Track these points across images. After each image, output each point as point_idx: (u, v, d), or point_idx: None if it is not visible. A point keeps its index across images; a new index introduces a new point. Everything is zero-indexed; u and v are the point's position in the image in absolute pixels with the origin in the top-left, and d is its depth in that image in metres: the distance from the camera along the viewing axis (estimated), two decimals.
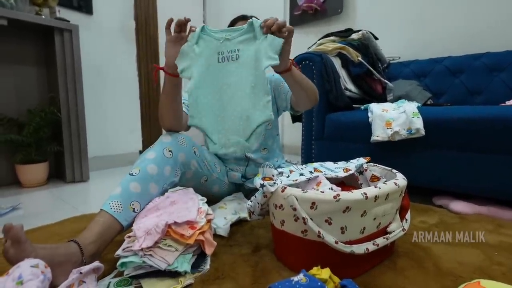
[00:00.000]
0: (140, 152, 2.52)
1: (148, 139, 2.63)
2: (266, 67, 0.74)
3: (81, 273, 0.56)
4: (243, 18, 1.10)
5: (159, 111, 0.92)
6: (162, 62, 2.66)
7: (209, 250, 0.71)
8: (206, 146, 0.90)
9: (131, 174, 0.80)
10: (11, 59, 1.67)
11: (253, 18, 0.78)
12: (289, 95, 1.06)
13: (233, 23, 1.13)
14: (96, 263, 0.60)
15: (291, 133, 2.64)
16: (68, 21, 1.70)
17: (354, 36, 1.68)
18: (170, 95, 0.88)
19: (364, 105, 1.47)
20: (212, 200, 1.09)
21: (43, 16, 1.63)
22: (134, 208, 0.76)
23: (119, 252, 0.66)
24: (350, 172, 0.83)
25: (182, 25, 0.80)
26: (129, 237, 0.68)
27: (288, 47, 0.78)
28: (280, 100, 1.14)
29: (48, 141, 1.72)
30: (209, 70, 0.78)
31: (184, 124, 0.99)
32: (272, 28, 0.74)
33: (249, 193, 1.20)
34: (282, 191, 0.67)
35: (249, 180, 1.17)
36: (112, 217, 0.72)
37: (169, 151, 0.86)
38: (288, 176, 0.81)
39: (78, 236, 0.68)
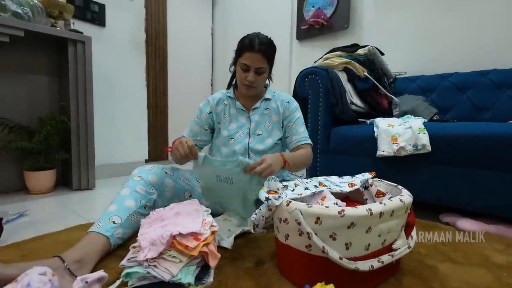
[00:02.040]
0: (146, 161, 2.54)
1: (154, 149, 2.66)
2: (254, 201, 0.95)
3: (86, 282, 0.56)
4: (250, 47, 1.05)
5: None
6: (170, 72, 2.72)
7: (213, 262, 0.71)
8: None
9: (109, 204, 0.91)
10: (24, 69, 1.73)
11: (239, 158, 0.91)
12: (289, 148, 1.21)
13: (242, 44, 1.08)
14: (101, 272, 0.60)
15: None
16: (82, 33, 1.75)
17: (360, 51, 1.70)
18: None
19: (370, 120, 1.48)
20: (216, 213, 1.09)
21: (58, 28, 1.69)
22: (114, 221, 0.84)
23: (123, 262, 0.66)
24: (355, 187, 0.83)
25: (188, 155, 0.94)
26: (134, 247, 0.69)
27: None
28: (284, 136, 1.22)
29: (57, 149, 1.75)
30: (211, 183, 0.99)
31: None
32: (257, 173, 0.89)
33: None
34: (287, 205, 0.68)
35: None
36: (94, 232, 0.80)
37: (138, 176, 0.98)
38: (293, 190, 0.82)
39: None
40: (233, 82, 1.24)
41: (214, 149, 1.22)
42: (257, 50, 1.04)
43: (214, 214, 1.06)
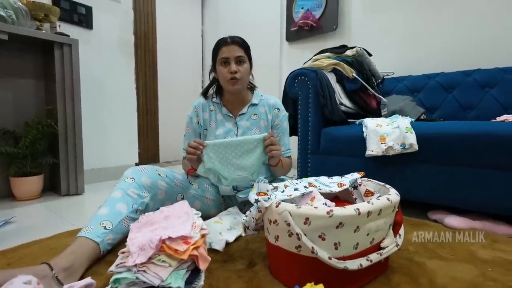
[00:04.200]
0: (136, 164, 2.52)
1: (145, 152, 2.64)
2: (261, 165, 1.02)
3: None
4: (224, 42, 1.14)
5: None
6: (160, 73, 2.70)
7: (203, 266, 0.71)
8: (217, 182, 1.04)
9: (100, 207, 0.88)
10: (10, 72, 1.69)
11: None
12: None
13: (216, 45, 1.17)
14: (88, 280, 0.59)
15: None
16: (68, 36, 1.73)
17: (349, 52, 1.72)
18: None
19: (359, 120, 1.50)
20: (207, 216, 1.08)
21: (44, 31, 1.66)
22: (105, 226, 0.82)
23: (112, 268, 0.66)
24: (345, 187, 0.84)
25: (197, 148, 0.97)
26: (122, 252, 0.68)
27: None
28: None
29: (44, 153, 1.71)
30: (221, 159, 1.00)
31: None
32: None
33: (242, 204, 1.21)
34: (276, 206, 0.68)
35: (241, 192, 1.18)
36: (84, 237, 0.78)
37: (131, 178, 0.96)
38: (283, 191, 0.82)
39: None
40: (215, 88, 1.25)
41: None
42: (231, 42, 1.11)
43: (205, 217, 1.06)
